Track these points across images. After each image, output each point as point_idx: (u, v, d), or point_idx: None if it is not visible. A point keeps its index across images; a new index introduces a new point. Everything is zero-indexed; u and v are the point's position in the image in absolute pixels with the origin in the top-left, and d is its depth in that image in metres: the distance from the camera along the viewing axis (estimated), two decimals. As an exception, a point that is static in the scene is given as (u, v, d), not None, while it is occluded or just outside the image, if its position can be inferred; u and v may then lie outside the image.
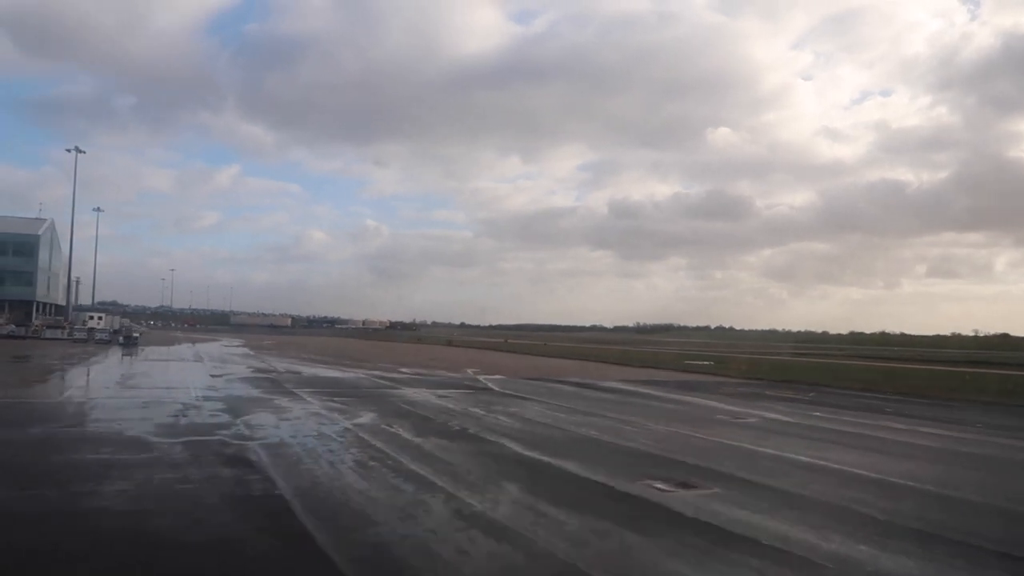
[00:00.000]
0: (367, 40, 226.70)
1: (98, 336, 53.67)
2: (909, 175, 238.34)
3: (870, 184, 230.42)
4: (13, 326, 57.34)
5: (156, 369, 30.41)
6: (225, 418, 14.55)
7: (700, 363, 48.42)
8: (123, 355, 38.79)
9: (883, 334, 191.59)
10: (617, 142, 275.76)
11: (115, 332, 54.93)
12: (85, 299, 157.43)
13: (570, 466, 10.52)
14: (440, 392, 22.10)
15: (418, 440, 12.50)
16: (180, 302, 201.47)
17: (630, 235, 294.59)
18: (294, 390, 20.90)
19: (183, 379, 25.13)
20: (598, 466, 10.57)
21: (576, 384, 27.89)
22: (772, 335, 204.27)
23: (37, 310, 75.70)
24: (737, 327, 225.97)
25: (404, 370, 32.93)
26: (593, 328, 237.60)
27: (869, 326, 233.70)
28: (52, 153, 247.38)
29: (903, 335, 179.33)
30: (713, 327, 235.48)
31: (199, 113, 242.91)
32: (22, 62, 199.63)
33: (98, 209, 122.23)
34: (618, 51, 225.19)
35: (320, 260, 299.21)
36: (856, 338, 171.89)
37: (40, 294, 76.44)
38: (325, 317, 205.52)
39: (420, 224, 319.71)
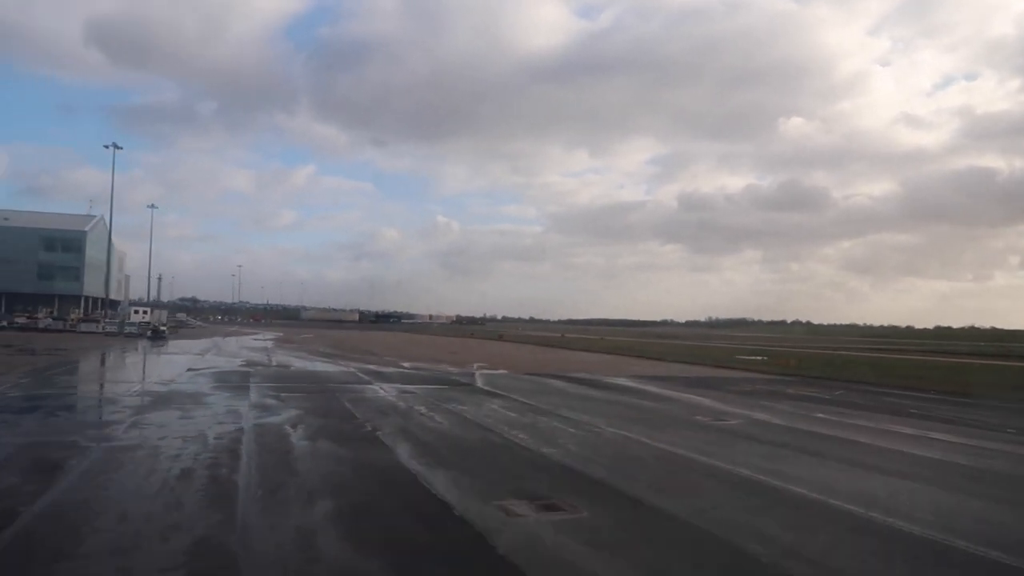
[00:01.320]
0: (434, 40, 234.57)
1: (127, 329, 55.02)
2: (999, 162, 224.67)
3: (956, 172, 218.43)
4: (51, 320, 59.57)
5: (133, 362, 30.32)
6: (116, 416, 13.67)
7: (752, 359, 46.48)
8: (131, 347, 39.20)
9: (972, 329, 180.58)
10: (686, 135, 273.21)
11: (143, 326, 56.20)
12: (166, 295, 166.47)
13: (438, 479, 8.96)
14: (410, 388, 20.80)
15: (302, 444, 11.19)
16: (257, 298, 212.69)
17: (701, 228, 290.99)
18: (249, 385, 19.98)
19: (145, 373, 24.72)
20: (474, 479, 9.01)
21: (574, 380, 26.10)
22: (852, 330, 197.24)
23: (86, 304, 78.72)
24: (815, 322, 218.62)
25: (405, 365, 31.82)
26: (664, 323, 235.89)
27: (958, 320, 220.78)
28: (141, 157, 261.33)
29: (994, 330, 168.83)
30: (789, 322, 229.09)
31: (276, 115, 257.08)
32: (113, 73, 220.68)
33: (152, 206, 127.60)
34: (685, 42, 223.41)
35: (392, 256, 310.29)
36: (942, 333, 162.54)
37: (89, 289, 79.36)
38: (392, 312, 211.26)
39: (489, 220, 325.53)
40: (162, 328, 54.57)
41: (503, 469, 9.85)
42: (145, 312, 75.85)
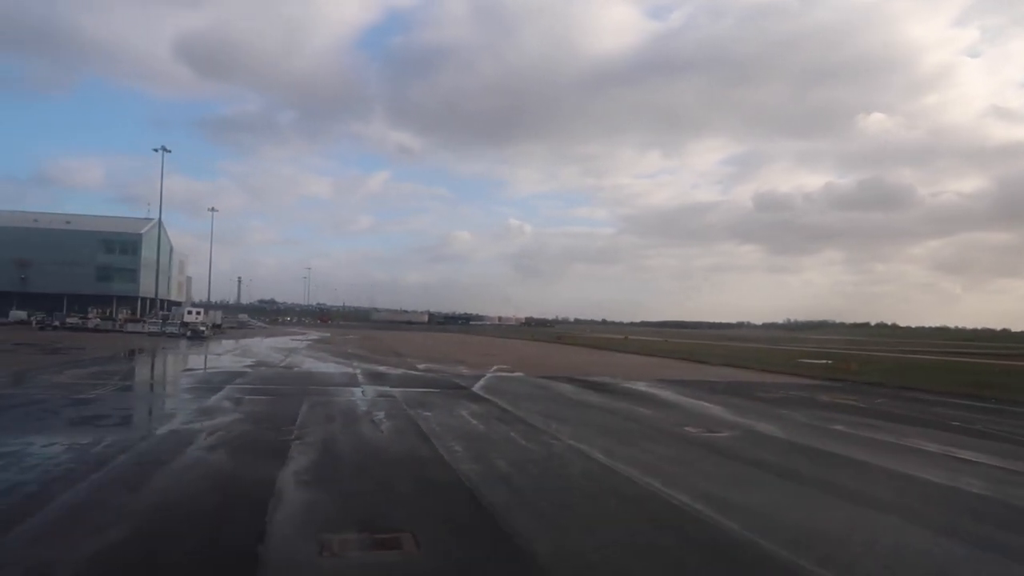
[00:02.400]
0: (504, 46, 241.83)
1: (168, 330, 56.36)
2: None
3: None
4: (99, 320, 61.72)
5: (142, 365, 30.36)
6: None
7: (813, 363, 43.83)
8: (156, 347, 39.68)
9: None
10: (761, 133, 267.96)
11: (183, 326, 57.43)
12: (246, 297, 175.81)
13: (292, 500, 7.69)
14: (394, 392, 19.64)
15: (192, 455, 10.15)
16: (333, 299, 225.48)
17: (779, 228, 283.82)
18: (223, 387, 19.24)
19: (136, 372, 24.54)
20: (332, 501, 7.78)
21: (586, 384, 24.43)
22: (941, 333, 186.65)
23: (143, 305, 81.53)
24: (902, 324, 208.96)
25: (420, 366, 30.80)
26: (740, 325, 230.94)
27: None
28: (226, 166, 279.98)
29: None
30: (874, 324, 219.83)
31: (352, 123, 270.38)
32: (199, 86, 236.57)
33: (212, 209, 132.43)
34: (759, 40, 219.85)
35: (465, 259, 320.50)
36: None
37: (146, 290, 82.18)
38: (462, 314, 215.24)
39: (561, 222, 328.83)
40: (201, 328, 55.57)
41: (388, 490, 8.49)
42: (199, 313, 77.64)
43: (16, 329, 58.35)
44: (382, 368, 28.91)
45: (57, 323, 61.50)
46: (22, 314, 68.12)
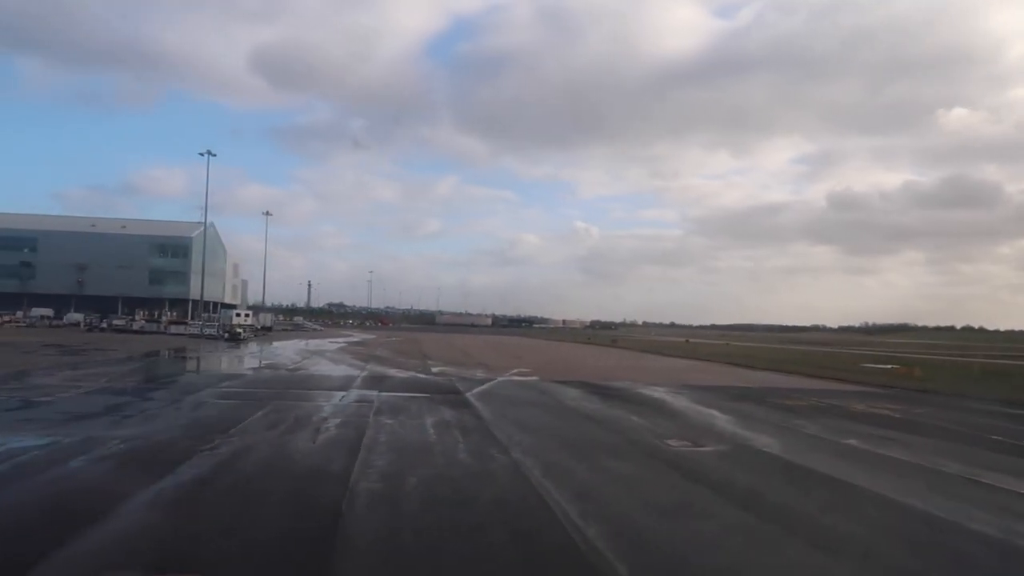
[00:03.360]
0: (568, 48, 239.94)
1: (208, 332, 57.24)
2: None
3: None
4: (144, 322, 63.31)
5: (138, 368, 30.28)
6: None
7: (877, 367, 41.21)
8: (187, 349, 39.95)
9: None
10: (835, 131, 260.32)
11: (222, 328, 58.24)
12: (316, 300, 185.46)
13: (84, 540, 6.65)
14: (384, 396, 18.55)
15: (84, 469, 9.28)
16: (401, 303, 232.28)
17: (855, 229, 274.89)
18: (204, 388, 18.61)
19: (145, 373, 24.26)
20: (134, 536, 6.63)
21: (596, 390, 22.90)
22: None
23: (194, 308, 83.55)
24: (991, 327, 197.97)
25: (436, 369, 29.85)
26: (814, 328, 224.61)
27: None
28: (299, 173, 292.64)
29: None
30: (959, 327, 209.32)
31: (419, 129, 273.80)
32: (273, 96, 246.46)
33: (267, 213, 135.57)
34: (832, 35, 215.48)
35: (532, 262, 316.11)
36: None
37: (196, 292, 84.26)
38: (526, 317, 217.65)
39: (628, 224, 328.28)
40: (239, 331, 56.14)
41: (230, 511, 7.34)
42: (247, 316, 79.03)
43: (66, 331, 60.40)
44: (392, 371, 28.00)
45: (105, 325, 63.44)
46: (78, 316, 70.57)
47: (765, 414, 17.70)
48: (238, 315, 76.45)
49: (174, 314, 73.22)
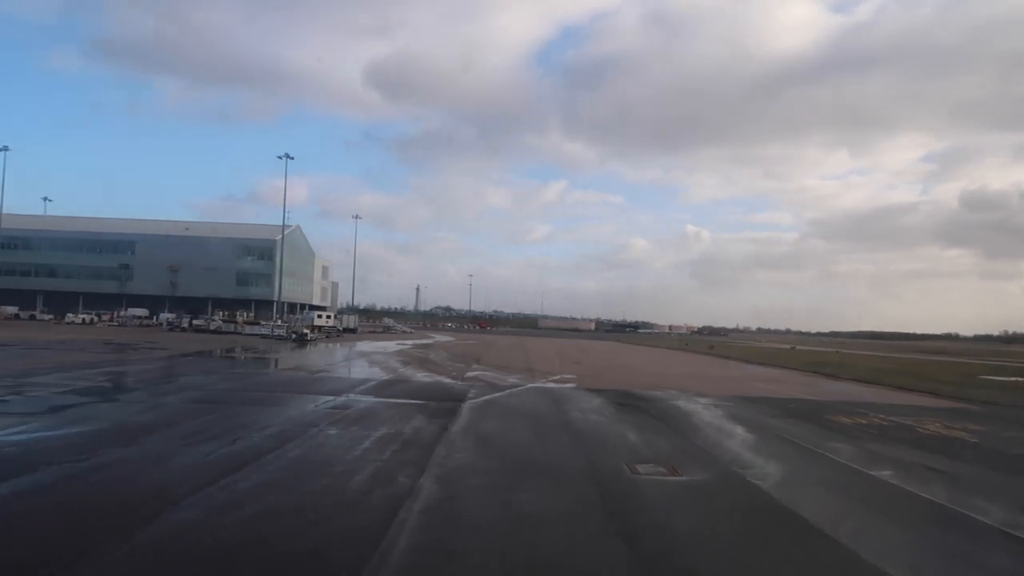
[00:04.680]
0: (676, 51, 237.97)
1: (277, 333, 58.23)
2: None
3: None
4: (221, 323, 65.33)
5: (165, 366, 30.29)
6: None
7: (998, 379, 37.78)
8: (248, 349, 40.32)
9: None
10: (966, 127, 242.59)
11: (289, 329, 59.07)
12: (425, 303, 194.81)
13: None
14: (376, 401, 17.35)
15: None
16: (509, 307, 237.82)
17: (993, 230, 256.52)
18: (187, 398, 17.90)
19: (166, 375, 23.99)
20: None
21: (621, 400, 20.61)
22: None
23: (279, 309, 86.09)
24: None
25: (469, 374, 28.37)
26: (945, 337, 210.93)
27: None
28: (412, 181, 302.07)
29: None
30: None
31: (528, 136, 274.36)
32: (386, 108, 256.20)
33: (356, 217, 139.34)
34: (961, 27, 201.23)
35: (640, 267, 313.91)
36: None
37: (282, 294, 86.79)
38: (631, 322, 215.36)
39: (741, 227, 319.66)
40: (305, 332, 56.79)
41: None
42: (328, 317, 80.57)
43: (149, 330, 63.19)
44: (419, 375, 26.72)
45: (186, 325, 66.01)
46: (171, 316, 74.02)
47: (802, 433, 15.02)
48: (319, 316, 78.06)
49: (249, 315, 75.42)
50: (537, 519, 7.68)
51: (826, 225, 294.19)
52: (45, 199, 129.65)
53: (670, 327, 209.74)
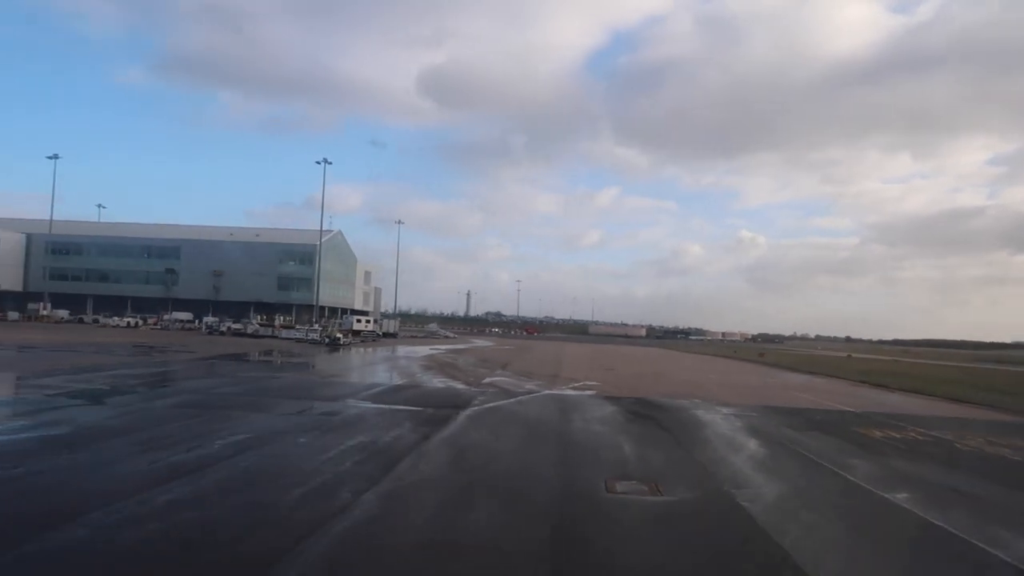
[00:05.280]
0: (731, 56, 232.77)
1: (310, 337, 58.40)
2: None
3: None
4: (258, 327, 65.94)
5: (160, 370, 30.20)
6: None
7: None
8: (271, 352, 40.32)
9: None
10: None
11: (322, 333, 59.13)
12: (475, 309, 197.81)
13: None
14: (369, 407, 16.71)
15: None
16: (560, 312, 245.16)
17: None
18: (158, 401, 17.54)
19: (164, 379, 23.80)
20: None
21: (636, 409, 19.52)
22: None
23: (320, 313, 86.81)
24: None
25: (486, 380, 27.56)
26: (1015, 346, 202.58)
27: None
28: (465, 187, 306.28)
29: None
30: None
31: (580, 143, 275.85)
32: (440, 116, 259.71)
33: (399, 222, 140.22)
34: None
35: (694, 273, 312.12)
36: None
37: (325, 298, 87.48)
38: (682, 329, 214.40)
39: (798, 233, 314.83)
40: (338, 336, 56.76)
41: None
42: (367, 321, 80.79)
43: (188, 333, 64.18)
44: (435, 380, 26.01)
45: (224, 329, 66.84)
46: (211, 320, 75.25)
47: (821, 447, 13.75)
48: (358, 320, 78.37)
49: (288, 319, 76.03)
50: (465, 549, 6.80)
51: (888, 230, 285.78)
52: (99, 206, 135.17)
53: (723, 334, 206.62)
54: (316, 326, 67.19)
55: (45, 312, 77.99)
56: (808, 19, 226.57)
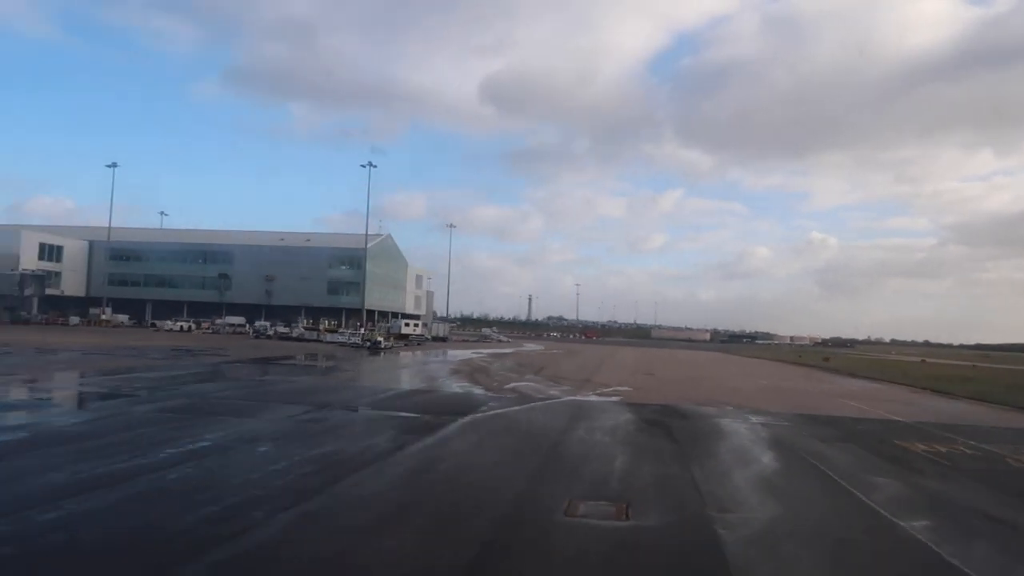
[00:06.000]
0: (797, 54, 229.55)
1: (352, 340, 58.52)
2: None
3: None
4: (304, 330, 66.54)
5: (174, 373, 30.05)
6: None
7: None
8: (307, 356, 40.24)
9: None
10: None
11: (364, 337, 59.13)
12: (537, 313, 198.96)
13: None
14: (369, 414, 15.99)
15: None
16: (624, 317, 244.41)
17: None
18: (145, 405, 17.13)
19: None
20: None
21: (656, 417, 18.19)
22: None
23: (369, 317, 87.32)
24: None
25: (509, 385, 26.57)
26: None
27: None
28: (529, 193, 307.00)
29: None
30: None
31: (643, 146, 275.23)
32: (502, 123, 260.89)
33: (451, 225, 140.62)
34: None
35: (761, 276, 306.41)
36: None
37: (374, 302, 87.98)
38: (748, 333, 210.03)
39: (871, 234, 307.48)
40: (379, 339, 56.61)
41: None
42: (415, 325, 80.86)
43: (237, 337, 65.26)
44: (454, 385, 25.17)
45: (271, 332, 67.67)
46: (260, 324, 76.51)
47: (845, 463, 12.24)
48: (406, 324, 78.59)
49: (334, 323, 76.65)
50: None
51: (968, 230, 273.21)
52: (162, 213, 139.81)
53: (791, 338, 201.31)
54: (362, 330, 67.42)
55: (105, 317, 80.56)
56: (877, 15, 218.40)
